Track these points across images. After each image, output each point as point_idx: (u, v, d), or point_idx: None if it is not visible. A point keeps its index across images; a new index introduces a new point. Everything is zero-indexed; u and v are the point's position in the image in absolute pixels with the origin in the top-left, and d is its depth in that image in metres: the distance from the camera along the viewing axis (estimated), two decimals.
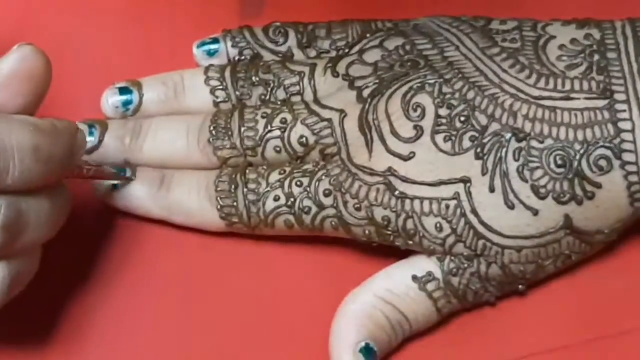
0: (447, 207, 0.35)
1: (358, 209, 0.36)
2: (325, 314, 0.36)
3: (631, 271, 0.38)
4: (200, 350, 0.37)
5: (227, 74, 0.39)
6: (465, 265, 0.36)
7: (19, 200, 0.31)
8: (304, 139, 0.37)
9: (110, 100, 0.39)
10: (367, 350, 0.35)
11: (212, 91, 0.39)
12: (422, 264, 0.36)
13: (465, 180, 0.35)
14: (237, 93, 0.39)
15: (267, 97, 0.39)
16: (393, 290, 0.36)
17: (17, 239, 0.31)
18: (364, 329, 0.35)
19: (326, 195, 0.36)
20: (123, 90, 0.39)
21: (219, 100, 0.39)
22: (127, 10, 0.38)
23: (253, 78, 0.39)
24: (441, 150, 0.35)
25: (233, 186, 0.37)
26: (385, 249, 0.37)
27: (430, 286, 0.36)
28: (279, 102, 0.38)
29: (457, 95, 0.36)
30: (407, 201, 0.35)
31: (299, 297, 0.37)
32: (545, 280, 0.37)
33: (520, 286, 0.37)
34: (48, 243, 0.37)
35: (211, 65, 0.40)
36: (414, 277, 0.36)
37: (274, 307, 0.37)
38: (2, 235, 0.31)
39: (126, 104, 0.39)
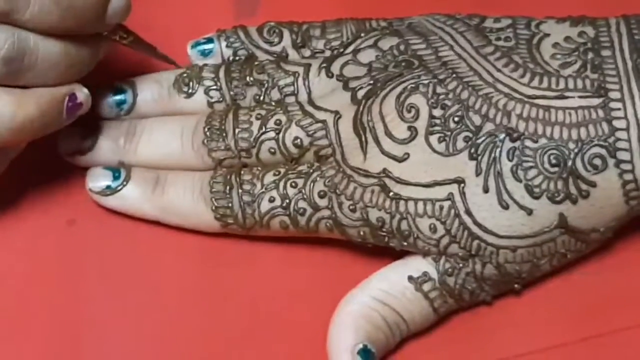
0: (442, 208, 0.35)
1: (353, 211, 0.36)
2: (321, 315, 0.36)
3: (627, 269, 0.38)
4: (196, 351, 0.37)
5: (222, 74, 0.39)
6: (461, 265, 0.36)
7: (30, 38, 0.33)
8: (298, 140, 0.37)
9: (105, 99, 0.39)
10: (365, 352, 0.35)
11: (207, 91, 0.39)
12: (417, 265, 0.36)
13: (459, 181, 0.35)
14: (232, 93, 0.39)
15: (262, 97, 0.38)
16: (389, 291, 0.36)
17: (20, 74, 0.33)
18: (362, 330, 0.35)
19: (321, 197, 0.36)
20: (117, 90, 0.39)
21: (213, 100, 0.39)
22: None
23: (247, 78, 0.39)
24: (435, 151, 0.35)
25: (228, 187, 0.37)
26: (381, 250, 0.37)
27: (426, 287, 0.36)
28: (273, 103, 0.38)
29: (451, 95, 0.36)
30: (402, 202, 0.35)
31: (294, 298, 0.37)
32: (541, 279, 0.37)
33: (516, 285, 0.37)
34: (45, 244, 0.37)
35: (205, 65, 0.40)
36: (410, 278, 0.36)
37: (270, 309, 0.37)
38: (4, 67, 0.33)
39: (120, 103, 0.39)
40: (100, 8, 0.34)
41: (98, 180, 0.38)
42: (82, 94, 0.36)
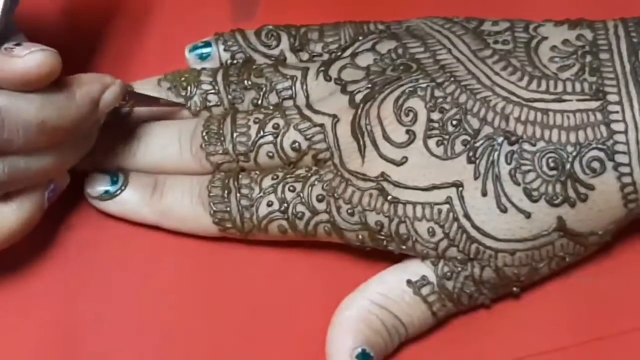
0: (440, 211, 0.35)
1: (351, 214, 0.36)
2: (320, 319, 0.36)
3: (626, 272, 0.38)
4: (194, 355, 0.37)
5: (220, 78, 0.39)
6: (459, 268, 0.36)
7: (20, 160, 0.33)
8: (296, 144, 0.37)
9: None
10: (363, 356, 0.35)
11: (205, 95, 0.39)
12: (416, 268, 0.36)
13: (458, 185, 0.35)
14: (230, 97, 0.39)
15: (260, 101, 0.38)
16: (388, 295, 0.36)
17: (15, 187, 0.34)
18: (360, 334, 0.35)
19: (319, 201, 0.36)
20: None
21: (211, 104, 0.39)
22: (120, 14, 0.38)
23: (245, 82, 0.39)
24: (433, 155, 0.35)
25: (226, 191, 0.37)
26: (380, 253, 0.37)
27: (424, 290, 0.36)
28: (271, 107, 0.38)
29: (449, 99, 0.35)
30: (400, 206, 0.35)
31: (293, 302, 0.37)
32: (539, 282, 0.37)
33: (514, 289, 0.37)
34: (43, 250, 0.37)
35: (203, 68, 0.40)
36: (409, 282, 0.36)
37: (269, 313, 0.37)
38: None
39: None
40: (92, 113, 0.35)
41: (96, 185, 0.38)
42: (64, 182, 0.37)
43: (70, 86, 0.34)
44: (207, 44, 0.40)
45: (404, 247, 0.36)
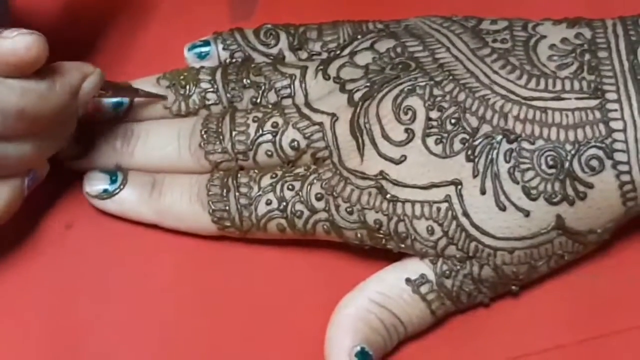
0: (439, 210, 0.35)
1: (350, 213, 0.36)
2: (319, 318, 0.36)
3: (625, 270, 0.38)
4: (193, 353, 0.37)
5: (218, 76, 0.39)
6: (458, 267, 0.36)
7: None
8: (295, 143, 0.37)
9: (102, 103, 0.39)
10: (362, 354, 0.35)
11: (203, 94, 0.39)
12: (415, 267, 0.36)
13: (457, 183, 0.35)
14: (228, 95, 0.39)
15: (259, 99, 0.38)
16: (387, 293, 0.36)
17: None
18: (359, 333, 0.35)
19: (318, 199, 0.36)
20: None
21: (210, 102, 0.39)
22: (118, 13, 0.38)
23: (244, 81, 0.39)
24: (432, 153, 0.35)
25: (225, 190, 0.37)
26: (378, 252, 0.37)
27: (423, 289, 0.36)
28: (270, 106, 0.38)
29: (447, 97, 0.36)
30: (399, 204, 0.35)
31: (292, 301, 0.37)
32: (538, 281, 0.37)
33: (513, 287, 0.37)
34: (43, 248, 0.38)
35: (202, 67, 0.40)
36: (408, 280, 0.36)
37: (267, 312, 0.37)
38: None
39: (117, 106, 0.39)
40: (72, 102, 0.35)
41: (95, 184, 0.38)
42: (44, 170, 0.37)
43: (51, 75, 0.34)
44: (206, 43, 0.40)
45: (402, 245, 0.36)
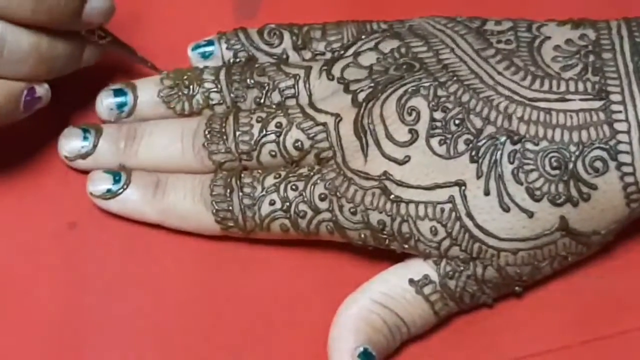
0: (442, 210, 0.35)
1: (354, 213, 0.36)
2: (322, 318, 0.36)
3: (629, 271, 0.38)
4: (196, 353, 0.37)
5: (222, 76, 0.39)
6: (462, 268, 0.36)
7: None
8: (299, 143, 0.37)
9: (105, 102, 0.39)
10: (365, 355, 0.35)
11: (207, 93, 0.39)
12: (418, 267, 0.36)
13: (460, 184, 0.35)
14: (232, 95, 0.39)
15: (262, 100, 0.38)
16: (390, 294, 0.36)
17: None
18: (362, 334, 0.35)
19: (322, 200, 0.36)
20: (117, 92, 0.39)
21: (213, 102, 0.39)
22: (122, 13, 0.38)
23: (248, 81, 0.39)
24: (436, 154, 0.35)
25: (228, 190, 0.37)
26: (382, 252, 0.37)
27: (427, 289, 0.36)
28: (274, 106, 0.38)
29: (452, 98, 0.35)
30: (403, 205, 0.35)
31: (295, 301, 0.38)
32: (542, 281, 0.37)
33: (517, 288, 0.37)
34: (46, 247, 0.37)
35: (206, 67, 0.40)
36: (411, 281, 0.36)
37: (270, 312, 0.37)
38: None
39: (121, 106, 0.39)
40: (77, 5, 0.35)
41: (99, 183, 0.38)
42: (42, 88, 0.36)
43: None
44: (210, 43, 0.40)
45: (406, 246, 0.36)
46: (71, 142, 0.39)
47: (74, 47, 0.36)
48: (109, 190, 0.38)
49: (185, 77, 0.39)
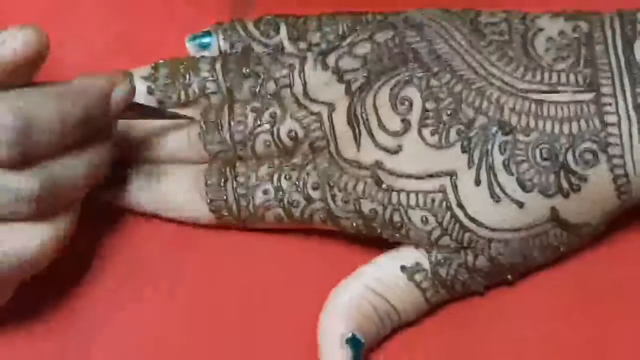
0: (433, 200, 0.35)
1: (346, 202, 0.36)
2: (315, 303, 0.36)
3: (621, 260, 0.38)
4: (190, 339, 0.37)
5: (218, 65, 0.39)
6: (453, 256, 0.36)
7: (54, 167, 0.33)
8: (293, 133, 0.37)
9: None
10: (354, 341, 0.35)
11: (203, 82, 0.39)
12: (410, 254, 0.36)
13: (452, 174, 0.35)
14: (228, 85, 0.39)
15: (258, 89, 0.39)
16: (381, 280, 0.36)
17: (54, 203, 0.33)
18: (352, 320, 0.35)
19: (315, 189, 0.36)
20: None
21: (209, 91, 0.39)
22: (119, 4, 0.38)
23: (244, 70, 0.39)
24: (428, 144, 0.35)
25: (222, 180, 0.37)
26: (375, 240, 0.37)
27: (418, 276, 0.36)
28: (269, 96, 0.38)
29: (444, 88, 0.36)
30: (394, 194, 0.35)
31: (288, 287, 0.38)
32: (534, 270, 0.38)
33: (509, 276, 0.37)
34: None
35: (202, 56, 0.40)
36: (403, 268, 0.36)
37: (263, 298, 0.38)
38: (37, 206, 0.32)
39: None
40: (104, 105, 0.34)
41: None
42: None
43: (76, 81, 0.34)
44: (207, 34, 0.40)
45: (397, 235, 0.36)
46: None
47: (110, 138, 0.36)
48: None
49: (182, 66, 0.39)
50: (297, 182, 0.37)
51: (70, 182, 0.34)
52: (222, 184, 0.37)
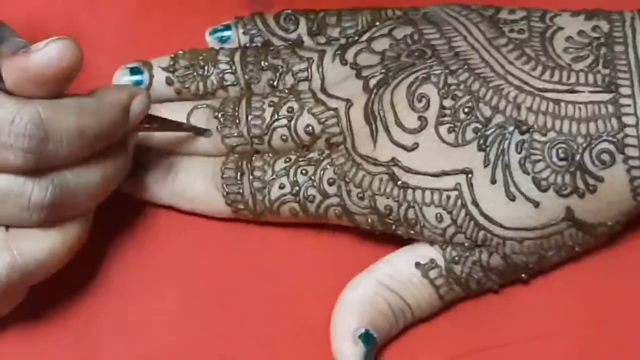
0: (448, 197, 0.35)
1: (361, 198, 0.36)
2: (328, 298, 0.37)
3: (635, 256, 0.38)
4: (203, 332, 0.37)
5: (237, 58, 0.39)
6: (467, 254, 0.36)
7: (68, 176, 0.33)
8: (310, 128, 0.37)
9: (121, 80, 0.39)
10: (367, 336, 0.35)
11: (221, 74, 0.39)
12: (424, 251, 0.36)
13: (467, 172, 0.35)
14: (246, 77, 0.39)
15: (276, 82, 0.39)
16: (395, 277, 0.36)
17: (65, 211, 0.34)
18: (365, 315, 0.36)
19: (330, 184, 0.37)
20: (134, 71, 0.39)
21: (227, 83, 0.39)
22: (142, 2, 0.38)
23: (262, 63, 0.39)
24: (444, 142, 0.35)
25: (239, 173, 0.37)
26: (389, 236, 0.37)
27: (432, 273, 0.36)
28: (286, 90, 0.38)
29: (462, 86, 0.36)
30: (409, 191, 0.36)
31: (302, 281, 0.38)
32: (550, 268, 0.38)
33: (523, 275, 0.37)
34: None
35: (221, 48, 0.40)
36: (417, 264, 0.36)
37: (277, 292, 0.38)
38: (48, 213, 0.33)
39: (136, 84, 0.39)
40: (124, 119, 0.35)
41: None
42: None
43: (100, 93, 0.34)
44: (227, 28, 0.40)
45: (412, 231, 0.36)
46: None
47: (126, 150, 0.36)
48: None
49: (201, 57, 0.39)
50: (313, 177, 0.37)
51: (83, 191, 0.34)
52: (238, 178, 0.37)
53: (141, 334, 0.37)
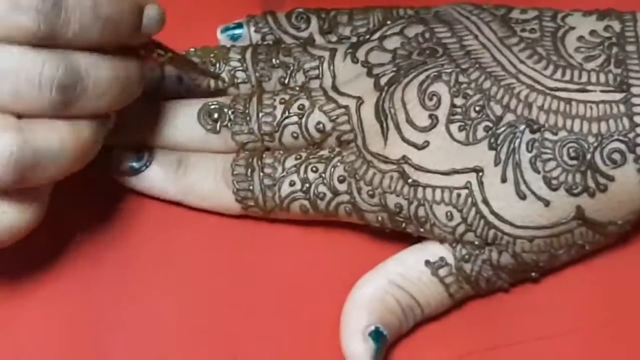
0: (459, 196, 0.35)
1: (371, 196, 0.36)
2: (337, 295, 0.37)
3: None
4: (212, 328, 0.38)
5: (248, 55, 0.39)
6: (477, 252, 0.36)
7: (80, 61, 0.32)
8: (321, 125, 0.37)
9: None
10: (377, 334, 0.35)
11: (233, 72, 0.39)
12: (435, 249, 0.36)
13: (478, 170, 0.35)
14: (257, 75, 0.39)
15: (287, 80, 0.39)
16: (405, 274, 0.36)
17: (77, 101, 0.32)
18: (375, 313, 0.36)
19: (341, 182, 0.37)
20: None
21: (238, 81, 0.39)
22: None
23: (273, 60, 0.39)
24: (455, 140, 0.35)
25: (249, 170, 0.37)
26: (399, 234, 0.37)
27: (442, 272, 0.36)
28: (297, 87, 0.39)
29: (473, 85, 0.36)
30: (420, 189, 0.36)
31: (312, 278, 0.38)
32: (559, 267, 0.38)
33: (533, 274, 0.37)
34: (63, 223, 0.38)
35: (233, 46, 0.40)
36: (427, 262, 0.36)
37: (287, 289, 0.38)
38: (59, 95, 0.32)
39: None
40: (136, 17, 0.34)
41: (121, 160, 0.38)
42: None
43: None
44: (239, 26, 0.41)
45: (422, 229, 0.36)
46: None
47: (140, 68, 0.35)
48: (131, 168, 0.38)
49: (212, 55, 0.39)
50: (323, 175, 0.37)
51: (95, 85, 0.33)
52: (248, 175, 0.37)
53: (150, 332, 0.37)
